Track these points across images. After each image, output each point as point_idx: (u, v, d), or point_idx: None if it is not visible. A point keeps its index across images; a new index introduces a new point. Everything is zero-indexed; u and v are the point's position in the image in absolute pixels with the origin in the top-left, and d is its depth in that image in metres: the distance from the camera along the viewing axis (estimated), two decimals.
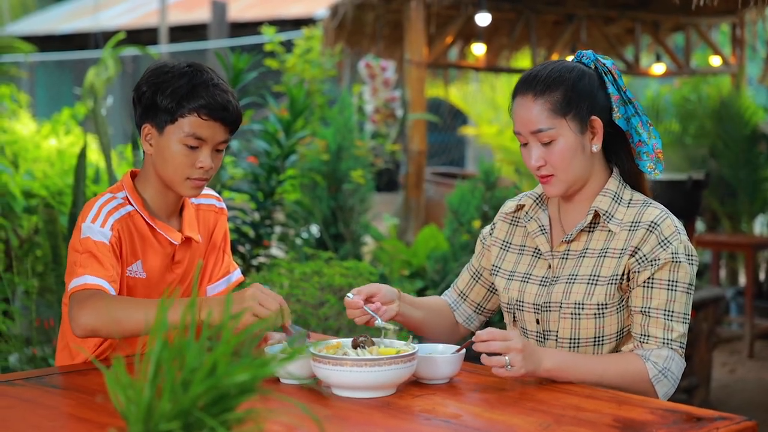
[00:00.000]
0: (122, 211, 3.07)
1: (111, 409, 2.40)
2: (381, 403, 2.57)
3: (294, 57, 9.16)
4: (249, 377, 1.71)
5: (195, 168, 3.03)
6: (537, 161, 2.94)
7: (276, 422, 2.18)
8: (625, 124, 3.00)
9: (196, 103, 2.98)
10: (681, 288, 2.88)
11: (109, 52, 9.16)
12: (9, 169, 7.15)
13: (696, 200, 7.21)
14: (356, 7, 8.31)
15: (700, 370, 6.77)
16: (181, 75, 3.01)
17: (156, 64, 3.11)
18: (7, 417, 2.45)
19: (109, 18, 19.14)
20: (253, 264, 6.35)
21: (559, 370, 2.78)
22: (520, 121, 2.95)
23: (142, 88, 3.05)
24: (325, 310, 4.91)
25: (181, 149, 3.01)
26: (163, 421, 1.67)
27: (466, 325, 3.27)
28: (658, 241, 2.87)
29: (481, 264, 3.25)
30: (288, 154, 6.51)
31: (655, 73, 9.90)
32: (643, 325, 2.87)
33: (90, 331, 2.85)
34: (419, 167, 7.84)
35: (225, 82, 3.09)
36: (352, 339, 2.77)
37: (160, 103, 3.00)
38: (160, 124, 3.02)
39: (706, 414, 2.46)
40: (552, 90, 2.91)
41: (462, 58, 10.04)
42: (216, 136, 3.03)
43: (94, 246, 2.97)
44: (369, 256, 7.19)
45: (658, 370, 2.83)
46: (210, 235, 3.32)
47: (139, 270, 3.09)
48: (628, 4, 9.23)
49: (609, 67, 2.99)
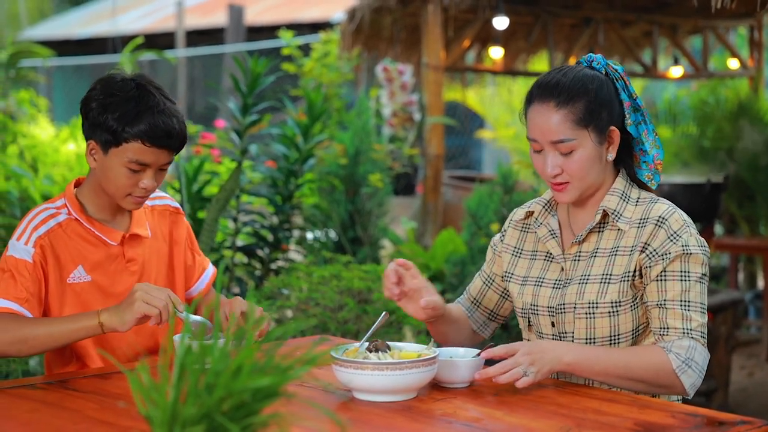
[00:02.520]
0: (50, 223, 3.11)
1: (133, 413, 2.42)
2: (402, 406, 2.58)
3: (311, 61, 9.18)
4: (273, 381, 1.72)
5: (137, 188, 3.08)
6: (554, 170, 2.92)
7: (299, 426, 2.19)
8: (635, 130, 2.99)
9: (141, 131, 3.00)
10: (694, 278, 2.87)
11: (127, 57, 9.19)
12: (29, 174, 7.18)
13: (714, 203, 7.20)
14: (373, 10, 8.32)
15: (719, 374, 6.76)
16: (128, 99, 3.02)
17: (106, 78, 3.13)
18: (31, 420, 2.47)
19: (126, 22, 19.18)
20: (272, 268, 6.36)
21: (580, 363, 2.78)
22: (539, 129, 2.93)
23: (90, 104, 3.07)
24: (344, 314, 4.91)
25: (124, 171, 3.05)
26: (187, 425, 1.68)
27: (480, 332, 3.27)
28: (668, 235, 2.87)
29: (492, 270, 3.25)
30: (306, 158, 6.52)
31: (672, 76, 9.89)
32: (661, 318, 2.86)
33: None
34: (437, 171, 7.85)
35: (172, 103, 3.10)
36: (368, 343, 2.77)
37: (105, 123, 3.02)
38: (104, 144, 3.05)
39: (727, 418, 2.46)
40: (575, 101, 2.89)
41: (479, 61, 10.05)
42: (159, 160, 3.07)
43: (14, 264, 3.05)
44: (387, 260, 7.19)
45: (681, 361, 2.80)
46: (170, 234, 3.36)
47: (83, 275, 3.13)
48: (645, 6, 9.22)
49: (621, 73, 2.98)
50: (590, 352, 2.83)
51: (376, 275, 5.17)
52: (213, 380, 1.71)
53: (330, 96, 8.64)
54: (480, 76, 11.70)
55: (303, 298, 5.05)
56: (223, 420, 1.69)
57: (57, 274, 3.09)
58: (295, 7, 16.86)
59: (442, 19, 7.85)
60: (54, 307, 3.09)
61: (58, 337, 2.94)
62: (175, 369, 1.72)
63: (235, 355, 1.73)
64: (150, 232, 3.27)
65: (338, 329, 4.87)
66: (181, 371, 1.72)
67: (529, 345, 2.75)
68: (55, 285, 3.08)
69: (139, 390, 1.71)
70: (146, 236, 3.25)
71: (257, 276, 6.33)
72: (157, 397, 1.70)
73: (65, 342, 2.97)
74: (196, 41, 18.16)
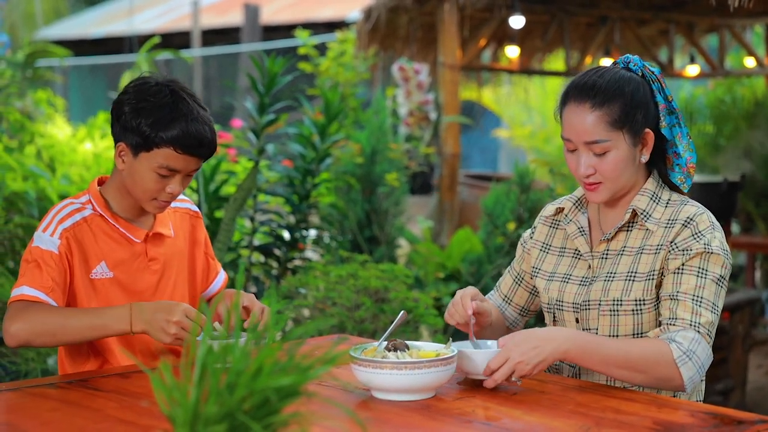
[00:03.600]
0: (76, 216, 3.14)
1: (154, 412, 2.43)
2: (420, 405, 2.59)
3: (328, 60, 9.19)
4: (294, 380, 1.73)
5: (164, 192, 3.10)
6: (587, 170, 2.93)
7: (319, 425, 2.20)
8: (669, 133, 3.00)
9: (173, 137, 3.02)
10: (711, 277, 2.86)
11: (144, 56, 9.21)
12: (46, 174, 7.20)
13: (731, 202, 7.18)
14: (389, 10, 8.32)
15: (736, 373, 6.75)
16: (162, 105, 3.03)
17: (139, 81, 3.13)
18: (52, 419, 2.48)
19: (141, 22, 19.22)
20: (289, 267, 6.37)
21: (579, 351, 2.77)
22: (573, 130, 2.93)
23: (123, 107, 3.08)
24: (360, 313, 4.92)
25: (153, 176, 3.07)
26: (209, 424, 1.69)
27: (512, 327, 3.31)
28: (692, 233, 2.88)
29: (522, 268, 3.27)
30: (323, 158, 6.53)
31: (689, 75, 9.87)
32: (671, 309, 2.85)
33: (23, 342, 2.96)
34: (453, 170, 7.85)
35: (204, 111, 3.12)
36: (386, 342, 2.78)
37: (137, 127, 3.03)
38: (135, 148, 3.06)
39: (745, 417, 2.46)
40: (611, 102, 2.90)
41: (495, 60, 10.04)
42: (189, 166, 3.10)
43: (40, 255, 3.06)
44: (403, 259, 7.20)
45: (682, 351, 2.77)
46: (190, 237, 3.39)
47: (105, 271, 3.15)
48: (662, 5, 9.21)
49: (657, 75, 2.99)
50: (590, 341, 2.80)
51: (393, 275, 5.18)
52: (234, 379, 1.72)
53: (346, 95, 8.64)
54: (496, 75, 11.69)
55: (320, 297, 5.06)
56: (245, 419, 1.70)
57: (81, 267, 3.11)
58: (310, 6, 16.88)
59: (458, 18, 7.85)
60: (77, 300, 3.10)
61: (88, 334, 2.97)
62: (196, 368, 1.73)
63: (256, 354, 1.74)
64: (173, 232, 3.29)
65: (355, 328, 4.88)
66: (203, 370, 1.73)
67: (509, 341, 2.75)
68: (79, 277, 3.11)
69: (162, 389, 1.72)
70: (169, 236, 3.27)
71: (274, 275, 6.35)
72: (179, 397, 1.71)
73: (92, 339, 3.01)
74: (212, 41, 18.20)
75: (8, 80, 9.95)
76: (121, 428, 2.38)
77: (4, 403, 2.64)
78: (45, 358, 5.11)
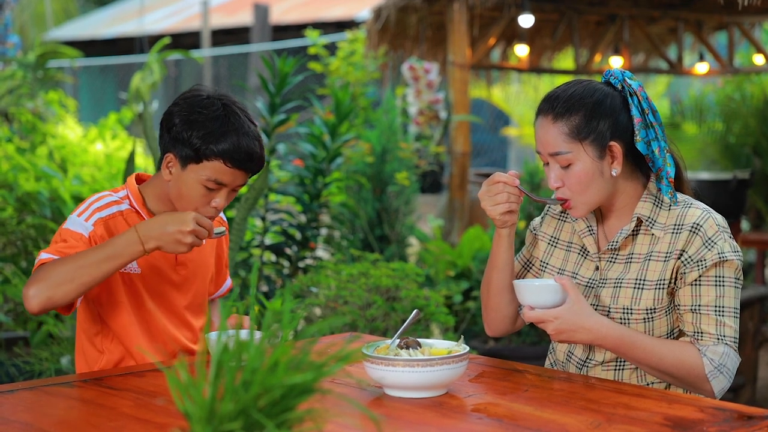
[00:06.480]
0: (113, 208, 3.15)
1: (170, 410, 2.46)
2: (433, 402, 2.60)
3: (338, 60, 9.20)
4: (308, 378, 1.75)
5: (208, 206, 3.11)
6: (555, 182, 2.96)
7: (333, 422, 2.22)
8: (645, 148, 2.96)
9: (224, 150, 3.02)
10: (729, 283, 2.89)
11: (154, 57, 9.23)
12: (58, 174, 7.23)
13: (741, 199, 7.19)
14: (399, 9, 8.33)
15: (746, 369, 6.76)
16: (214, 118, 3.04)
17: (190, 93, 3.14)
18: (68, 418, 2.50)
19: (151, 22, 19.26)
20: (300, 266, 6.39)
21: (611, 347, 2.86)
22: (539, 142, 2.97)
23: (174, 119, 3.08)
24: (372, 311, 4.94)
25: (200, 189, 3.07)
26: (224, 421, 1.71)
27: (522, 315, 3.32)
28: (703, 242, 2.88)
29: (532, 254, 3.27)
30: (333, 157, 6.55)
31: (698, 73, 9.87)
32: (695, 323, 2.89)
33: (44, 301, 2.89)
34: (463, 168, 7.86)
35: (255, 126, 3.13)
36: (399, 340, 2.80)
37: (188, 139, 3.03)
38: (184, 159, 3.07)
39: (756, 412, 2.48)
40: (570, 113, 2.91)
41: (504, 59, 10.05)
42: (236, 181, 3.10)
43: (68, 235, 3.05)
44: (414, 258, 7.22)
45: (714, 366, 2.84)
46: (217, 248, 3.44)
47: (133, 266, 3.16)
48: (670, 3, 9.21)
49: (635, 89, 2.96)
50: (625, 341, 2.85)
51: (404, 273, 5.19)
52: (249, 377, 1.74)
53: (356, 95, 8.66)
54: (505, 74, 11.68)
55: (332, 296, 5.08)
56: (260, 416, 1.72)
57: None
58: (319, 5, 16.90)
59: (467, 17, 7.86)
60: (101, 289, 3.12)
61: (105, 267, 2.91)
62: (212, 366, 1.75)
63: (271, 352, 1.76)
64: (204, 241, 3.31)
65: (367, 326, 4.90)
66: (218, 368, 1.75)
67: (563, 321, 2.79)
68: None
69: (177, 387, 1.74)
70: None
71: (285, 274, 6.37)
72: (195, 394, 1.73)
73: (111, 272, 2.94)
74: (222, 41, 18.23)
75: (19, 81, 9.97)
76: (137, 426, 2.40)
77: (21, 402, 2.66)
78: (58, 358, 5.14)
